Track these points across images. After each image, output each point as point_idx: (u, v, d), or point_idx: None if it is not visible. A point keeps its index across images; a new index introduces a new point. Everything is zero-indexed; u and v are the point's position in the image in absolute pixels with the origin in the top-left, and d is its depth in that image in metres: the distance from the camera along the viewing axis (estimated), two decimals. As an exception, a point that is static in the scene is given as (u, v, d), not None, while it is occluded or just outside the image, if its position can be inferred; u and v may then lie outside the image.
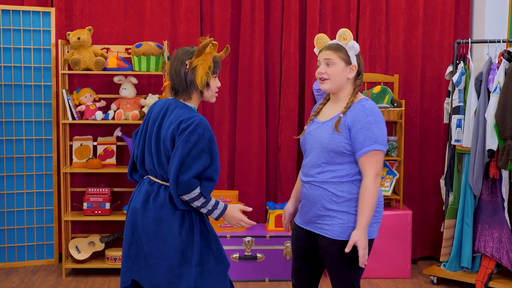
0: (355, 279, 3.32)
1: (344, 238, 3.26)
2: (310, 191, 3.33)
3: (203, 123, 3.18)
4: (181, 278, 3.24)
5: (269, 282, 5.38)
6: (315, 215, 3.33)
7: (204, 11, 5.76)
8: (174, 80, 3.29)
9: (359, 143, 3.21)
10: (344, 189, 3.27)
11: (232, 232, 5.44)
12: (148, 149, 3.31)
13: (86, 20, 5.67)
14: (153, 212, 3.25)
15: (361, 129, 3.21)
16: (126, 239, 3.35)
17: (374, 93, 5.62)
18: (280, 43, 5.83)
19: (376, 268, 5.41)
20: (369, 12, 5.83)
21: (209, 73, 3.26)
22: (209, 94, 3.33)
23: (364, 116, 3.22)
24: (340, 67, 3.30)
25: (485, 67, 5.11)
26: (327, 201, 3.28)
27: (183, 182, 3.14)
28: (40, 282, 5.30)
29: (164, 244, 3.23)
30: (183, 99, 3.31)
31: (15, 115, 5.61)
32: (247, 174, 5.85)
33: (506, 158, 4.85)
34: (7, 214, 5.63)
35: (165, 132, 3.22)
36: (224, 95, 5.81)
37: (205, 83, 3.27)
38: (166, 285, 3.25)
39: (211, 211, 3.27)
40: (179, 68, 3.27)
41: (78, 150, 5.59)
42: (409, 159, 5.91)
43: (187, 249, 3.25)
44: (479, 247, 5.21)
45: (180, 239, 3.23)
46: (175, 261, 3.23)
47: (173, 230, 3.23)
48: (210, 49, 3.26)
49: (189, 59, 3.26)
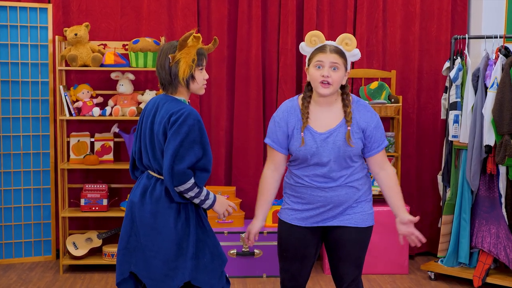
0: (363, 265, 3.48)
1: (366, 225, 3.40)
2: (334, 193, 3.35)
3: (193, 114, 3.22)
4: (177, 271, 3.27)
5: (266, 278, 5.38)
6: (337, 212, 3.38)
7: (201, 7, 5.76)
8: (160, 75, 3.34)
9: (376, 141, 3.34)
10: (361, 181, 3.40)
11: (230, 228, 5.44)
12: (144, 145, 3.35)
13: (83, 16, 5.67)
14: (149, 205, 3.29)
15: (375, 128, 3.33)
16: (125, 232, 3.38)
17: (371, 89, 5.63)
18: (277, 39, 5.83)
19: (373, 264, 5.42)
20: (366, 8, 5.83)
21: (192, 66, 3.30)
22: (195, 87, 3.37)
23: (373, 115, 3.35)
24: (342, 73, 3.28)
25: (482, 63, 5.12)
26: (352, 197, 3.38)
27: (177, 173, 3.17)
28: (38, 279, 5.30)
29: (160, 237, 3.27)
30: (171, 93, 3.35)
31: (12, 112, 5.60)
32: (245, 170, 5.86)
33: (503, 154, 4.85)
34: (5, 211, 5.63)
35: (158, 127, 3.26)
36: (222, 91, 5.80)
37: (188, 76, 3.30)
38: (162, 278, 3.28)
39: (203, 201, 3.30)
40: (164, 62, 3.31)
41: (76, 146, 5.59)
42: (406, 154, 5.91)
43: (182, 242, 3.28)
44: (476, 243, 5.22)
45: (176, 232, 3.26)
46: (171, 254, 3.26)
47: (168, 223, 3.26)
48: (193, 41, 3.29)
49: (173, 53, 3.30)
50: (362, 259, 3.45)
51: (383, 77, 5.71)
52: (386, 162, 3.40)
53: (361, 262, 3.45)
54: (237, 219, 5.52)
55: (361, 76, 5.72)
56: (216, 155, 5.85)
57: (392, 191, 3.39)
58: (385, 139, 3.37)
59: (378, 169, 3.39)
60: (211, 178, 5.86)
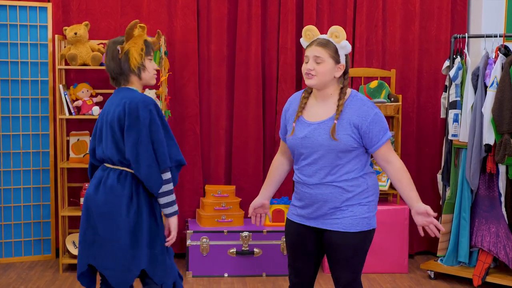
0: (360, 269, 3.39)
1: (356, 229, 3.29)
2: (318, 191, 3.31)
3: (147, 99, 3.29)
4: (134, 260, 3.31)
5: (266, 277, 5.38)
6: (324, 212, 3.33)
7: (201, 6, 5.76)
8: (110, 68, 3.40)
9: (375, 135, 3.25)
10: (354, 183, 3.30)
11: (229, 227, 5.44)
12: (98, 138, 3.43)
13: (83, 15, 5.67)
14: (103, 195, 3.34)
15: (372, 122, 3.24)
16: (82, 225, 3.44)
17: (371, 88, 5.63)
18: (277, 38, 5.83)
19: (373, 263, 5.42)
20: (366, 7, 5.83)
21: (142, 54, 3.36)
22: (147, 76, 3.42)
23: (370, 109, 3.26)
24: (329, 65, 3.27)
25: (482, 62, 5.11)
26: (339, 198, 3.29)
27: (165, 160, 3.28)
28: (37, 278, 5.30)
29: (114, 225, 3.31)
30: (124, 85, 3.41)
31: (12, 110, 5.60)
32: (244, 169, 5.86)
33: (503, 153, 4.85)
34: (4, 210, 5.63)
35: (112, 116, 3.32)
36: (221, 90, 5.81)
37: (140, 64, 3.36)
38: (121, 268, 3.32)
39: (171, 203, 3.37)
40: (113, 54, 3.37)
41: (75, 145, 5.59)
42: (406, 153, 5.91)
43: (137, 230, 3.31)
44: (476, 242, 5.22)
45: (128, 220, 3.30)
46: (126, 242, 3.30)
47: (121, 211, 3.30)
48: (139, 31, 3.37)
49: (121, 45, 3.36)
50: (357, 264, 3.36)
51: (382, 76, 5.71)
52: (391, 155, 3.30)
53: (355, 267, 3.36)
54: (237, 218, 5.52)
55: (360, 75, 5.72)
56: (216, 154, 5.85)
57: (401, 184, 3.31)
58: (386, 132, 3.28)
59: (384, 163, 3.32)
60: (211, 177, 5.86)
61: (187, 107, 5.76)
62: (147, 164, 3.25)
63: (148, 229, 3.33)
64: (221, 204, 5.51)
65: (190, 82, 5.74)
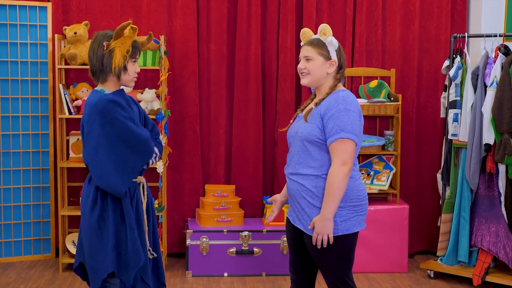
0: (344, 272, 3.34)
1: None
2: (291, 185, 3.39)
3: (104, 100, 3.21)
4: (99, 262, 3.27)
5: (266, 277, 5.38)
6: (296, 210, 3.38)
7: (201, 6, 5.76)
8: (92, 61, 3.32)
9: (328, 131, 3.24)
10: (320, 185, 3.27)
11: (229, 226, 5.45)
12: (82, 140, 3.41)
13: (83, 15, 5.66)
14: (84, 191, 3.38)
15: (331, 117, 3.23)
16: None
17: (371, 87, 5.63)
18: (276, 37, 5.83)
19: (373, 263, 5.42)
20: (366, 7, 5.83)
21: (126, 56, 3.27)
22: (126, 78, 3.34)
23: (335, 105, 3.25)
24: (319, 63, 3.34)
25: (482, 62, 5.11)
26: (301, 195, 3.32)
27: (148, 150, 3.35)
28: (37, 277, 5.30)
29: (83, 226, 3.35)
30: (100, 82, 3.34)
31: (11, 110, 5.60)
32: (244, 168, 5.85)
33: (502, 152, 4.85)
34: (4, 209, 5.63)
35: (81, 121, 3.33)
36: (221, 89, 5.80)
37: (121, 67, 3.27)
38: (89, 268, 3.32)
39: None
40: (97, 50, 3.29)
41: (75, 144, 5.58)
42: (405, 153, 5.91)
43: (102, 232, 3.28)
44: (476, 242, 5.22)
45: (90, 222, 3.28)
46: (92, 242, 3.29)
47: (86, 213, 3.31)
48: (130, 32, 3.28)
49: (108, 41, 3.27)
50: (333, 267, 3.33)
51: (382, 75, 5.71)
52: (336, 157, 3.20)
53: (331, 269, 3.33)
54: (236, 218, 5.52)
55: (360, 75, 5.72)
56: (216, 153, 5.85)
57: (327, 188, 3.21)
58: (341, 132, 3.19)
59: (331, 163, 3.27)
60: (211, 177, 5.86)
61: (186, 107, 5.76)
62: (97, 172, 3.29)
63: (115, 233, 3.29)
64: (221, 204, 5.51)
65: (190, 82, 5.74)
